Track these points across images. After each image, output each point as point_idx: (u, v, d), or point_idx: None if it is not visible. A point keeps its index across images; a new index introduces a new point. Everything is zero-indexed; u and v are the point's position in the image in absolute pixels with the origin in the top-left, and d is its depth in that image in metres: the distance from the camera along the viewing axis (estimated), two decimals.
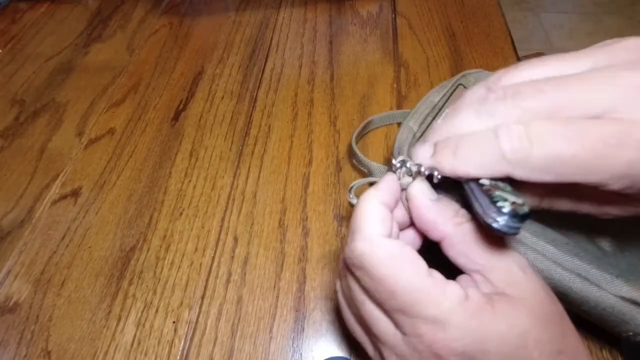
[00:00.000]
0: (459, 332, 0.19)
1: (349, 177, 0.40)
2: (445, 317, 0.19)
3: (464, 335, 0.19)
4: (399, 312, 0.20)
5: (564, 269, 0.24)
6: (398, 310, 0.20)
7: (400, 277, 0.20)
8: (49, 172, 0.43)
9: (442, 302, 0.19)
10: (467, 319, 0.19)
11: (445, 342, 0.19)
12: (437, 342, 0.19)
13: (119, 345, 0.32)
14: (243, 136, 0.44)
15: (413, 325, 0.19)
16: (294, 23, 0.57)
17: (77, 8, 0.63)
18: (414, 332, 0.19)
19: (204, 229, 0.37)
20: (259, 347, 0.31)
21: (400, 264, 0.20)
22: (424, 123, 0.33)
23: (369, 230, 0.21)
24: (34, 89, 0.52)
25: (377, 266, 0.20)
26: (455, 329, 0.19)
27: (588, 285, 0.24)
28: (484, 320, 0.19)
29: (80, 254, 0.37)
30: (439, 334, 0.19)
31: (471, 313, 0.19)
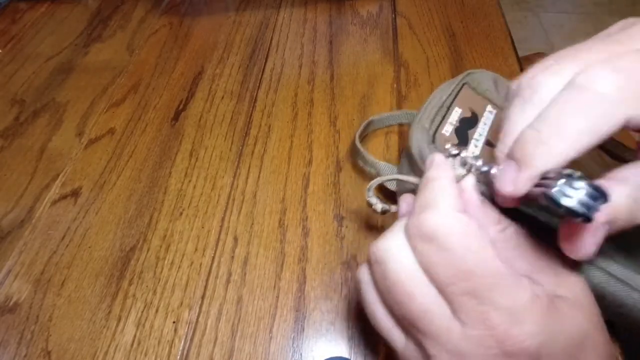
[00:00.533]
0: (533, 329, 0.17)
1: (349, 177, 0.40)
2: (522, 310, 0.17)
3: (538, 333, 0.17)
4: (468, 297, 0.17)
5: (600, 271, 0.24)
6: (469, 293, 0.17)
7: (480, 255, 0.17)
8: (49, 172, 0.43)
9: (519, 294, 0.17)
10: (542, 318, 0.17)
11: (519, 339, 0.17)
12: (511, 337, 0.17)
13: (119, 345, 0.32)
14: (243, 136, 0.44)
15: (484, 314, 0.17)
16: (294, 23, 0.57)
17: (77, 8, 0.63)
18: (483, 322, 0.17)
19: (204, 229, 0.37)
20: (259, 347, 0.31)
21: (480, 241, 0.18)
22: (434, 122, 0.33)
23: (447, 203, 0.19)
24: (34, 89, 0.52)
25: (455, 238, 0.18)
26: (532, 325, 0.17)
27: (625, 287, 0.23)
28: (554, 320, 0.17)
29: (80, 254, 0.37)
30: (514, 329, 0.17)
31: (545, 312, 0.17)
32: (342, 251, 0.35)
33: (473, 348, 0.17)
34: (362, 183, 0.39)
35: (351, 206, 0.38)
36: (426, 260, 0.19)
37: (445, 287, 0.18)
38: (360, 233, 0.36)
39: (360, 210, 0.38)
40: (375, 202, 0.28)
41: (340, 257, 0.35)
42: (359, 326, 0.31)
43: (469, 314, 0.18)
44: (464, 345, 0.18)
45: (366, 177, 0.40)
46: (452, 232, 0.18)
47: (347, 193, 0.39)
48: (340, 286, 0.33)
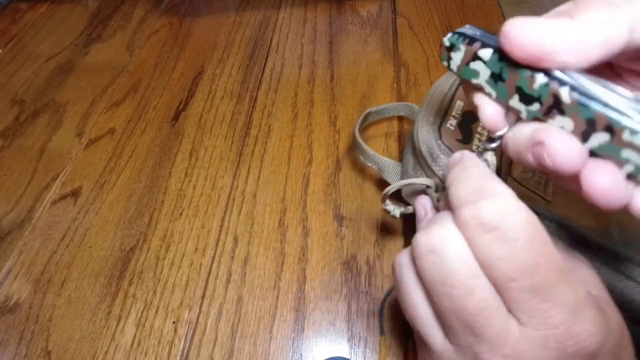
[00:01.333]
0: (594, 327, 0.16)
1: (349, 177, 0.40)
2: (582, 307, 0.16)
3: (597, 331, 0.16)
4: (532, 293, 0.16)
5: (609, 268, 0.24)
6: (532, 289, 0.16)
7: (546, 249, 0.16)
8: (49, 172, 0.43)
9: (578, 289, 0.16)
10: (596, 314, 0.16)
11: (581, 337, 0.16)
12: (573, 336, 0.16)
13: (119, 345, 0.32)
14: (243, 136, 0.44)
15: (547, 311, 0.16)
16: (294, 23, 0.57)
17: (77, 8, 0.63)
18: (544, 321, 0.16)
19: (204, 229, 0.37)
20: (259, 347, 0.31)
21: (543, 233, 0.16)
22: (438, 115, 0.32)
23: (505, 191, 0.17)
24: (34, 89, 0.52)
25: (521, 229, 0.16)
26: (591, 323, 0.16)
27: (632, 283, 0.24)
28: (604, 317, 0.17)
29: (80, 254, 0.37)
30: (576, 327, 0.16)
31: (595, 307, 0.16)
32: (342, 251, 0.35)
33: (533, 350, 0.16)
34: (362, 183, 0.39)
35: (351, 206, 0.38)
36: (486, 252, 0.17)
37: (507, 283, 0.16)
38: (360, 233, 0.36)
39: (360, 210, 0.38)
40: (393, 209, 0.28)
41: (340, 257, 0.35)
42: (359, 326, 0.31)
43: (531, 313, 0.16)
44: (523, 348, 0.16)
45: (366, 174, 0.40)
46: (518, 222, 0.16)
47: (347, 193, 0.39)
48: (340, 286, 0.33)
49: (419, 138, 0.31)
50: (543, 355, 0.16)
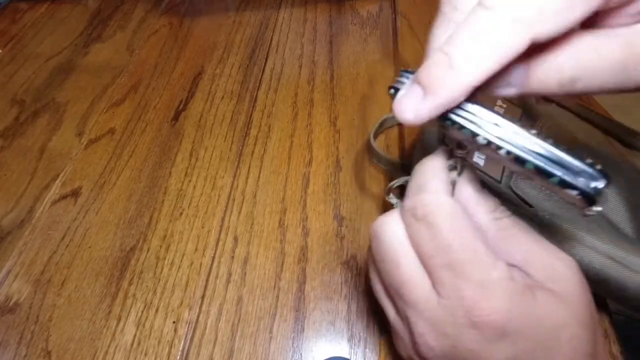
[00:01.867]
0: (501, 305, 0.18)
1: (349, 177, 0.40)
2: (492, 285, 0.18)
3: (505, 310, 0.18)
4: (446, 269, 0.19)
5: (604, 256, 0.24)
6: (447, 266, 0.19)
7: (461, 233, 0.19)
8: (49, 172, 0.43)
9: (492, 271, 0.18)
10: (510, 296, 0.18)
11: (485, 311, 0.18)
12: (477, 309, 0.18)
13: (119, 345, 0.32)
14: (243, 136, 0.44)
15: (458, 285, 0.19)
16: (294, 23, 0.57)
17: (77, 8, 0.63)
18: (456, 293, 0.19)
19: (204, 229, 0.37)
20: (259, 347, 0.31)
21: (463, 221, 0.20)
22: None
23: (438, 186, 0.21)
24: (34, 89, 0.52)
25: (441, 217, 0.20)
26: (499, 301, 0.18)
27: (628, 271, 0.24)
28: (525, 303, 0.18)
29: (80, 254, 0.37)
30: (482, 302, 0.18)
31: (517, 293, 0.18)
32: (342, 251, 0.35)
33: (446, 317, 0.19)
34: (362, 183, 0.39)
35: (351, 206, 0.38)
36: (415, 235, 0.20)
37: (428, 260, 0.20)
38: (360, 233, 0.36)
39: (360, 210, 0.38)
40: (396, 202, 0.29)
41: (340, 257, 0.35)
42: (359, 326, 0.31)
43: (445, 286, 0.19)
44: (439, 314, 0.19)
45: (366, 174, 0.40)
46: (440, 212, 0.20)
47: (347, 193, 0.39)
48: (340, 286, 0.33)
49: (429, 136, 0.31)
50: (453, 322, 0.19)
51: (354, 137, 0.43)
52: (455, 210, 0.20)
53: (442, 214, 0.20)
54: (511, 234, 0.20)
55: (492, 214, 0.21)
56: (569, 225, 0.26)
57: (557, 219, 0.26)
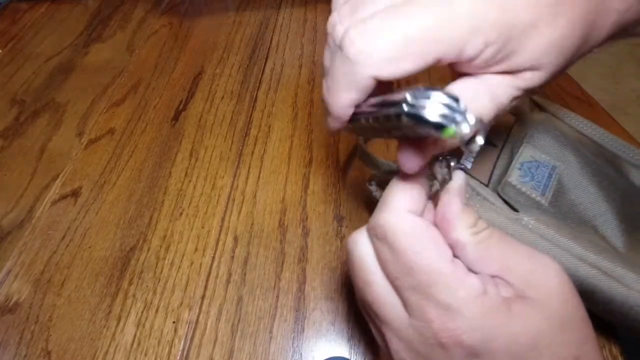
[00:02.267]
0: (469, 325, 0.18)
1: (349, 177, 0.40)
2: (458, 306, 0.18)
3: (474, 329, 0.18)
4: (412, 291, 0.19)
5: (590, 266, 0.24)
6: (411, 288, 0.19)
7: (422, 254, 0.19)
8: (49, 172, 0.43)
9: (458, 291, 0.18)
10: (480, 314, 0.18)
11: (453, 333, 0.18)
12: (444, 330, 0.18)
13: (119, 345, 0.32)
14: (243, 136, 0.44)
15: (423, 307, 0.19)
16: (294, 23, 0.57)
17: (77, 8, 0.63)
18: (422, 315, 0.19)
19: (204, 229, 0.37)
20: (259, 347, 0.31)
21: (423, 240, 0.19)
22: None
23: (398, 204, 0.20)
24: (34, 89, 0.52)
25: (400, 238, 0.19)
26: (466, 321, 0.18)
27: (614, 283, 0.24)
28: (497, 319, 0.18)
29: (80, 254, 0.37)
30: (449, 323, 0.18)
31: (486, 309, 0.18)
32: (342, 251, 0.35)
33: (417, 337, 0.19)
34: (362, 183, 0.39)
35: (351, 206, 0.38)
36: (379, 255, 0.20)
37: (394, 281, 0.20)
38: None
39: (360, 210, 0.38)
40: (375, 189, 0.29)
41: (340, 257, 0.35)
42: (359, 326, 0.31)
43: (412, 306, 0.19)
44: (411, 334, 0.19)
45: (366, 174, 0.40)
46: (398, 232, 0.19)
47: (347, 193, 0.39)
48: (340, 286, 0.33)
49: None
50: (424, 341, 0.19)
51: (354, 137, 0.43)
52: (416, 230, 0.20)
53: (401, 234, 0.19)
54: (489, 245, 0.20)
55: (471, 229, 0.21)
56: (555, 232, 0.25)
57: (543, 224, 0.26)
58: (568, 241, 0.25)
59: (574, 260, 0.24)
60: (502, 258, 0.20)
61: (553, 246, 0.25)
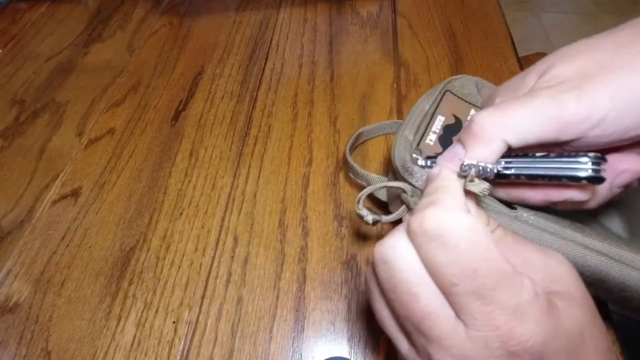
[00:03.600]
0: (537, 327, 0.17)
1: (349, 177, 0.40)
2: (525, 309, 0.17)
3: (539, 332, 0.17)
4: (473, 297, 0.17)
5: (598, 254, 0.24)
6: (473, 293, 0.17)
7: (486, 254, 0.17)
8: (49, 172, 0.43)
9: (523, 293, 0.17)
10: (543, 314, 0.17)
11: (524, 338, 0.17)
12: (515, 337, 0.17)
13: (119, 345, 0.32)
14: (243, 136, 0.44)
15: (489, 314, 0.17)
16: (294, 23, 0.57)
17: (77, 8, 0.63)
18: (487, 322, 0.17)
19: (204, 229, 0.37)
20: (259, 347, 0.31)
21: (484, 240, 0.18)
22: (418, 132, 0.33)
23: (453, 201, 0.19)
24: (34, 89, 0.52)
25: (461, 237, 0.17)
26: (535, 323, 0.17)
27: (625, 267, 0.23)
28: (554, 317, 0.17)
29: (80, 254, 0.37)
30: (518, 328, 0.17)
31: (545, 309, 0.17)
32: (342, 251, 0.35)
33: (478, 350, 0.17)
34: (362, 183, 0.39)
35: (351, 206, 0.38)
36: (430, 259, 0.18)
37: (450, 287, 0.18)
38: (360, 233, 0.36)
39: None
40: (366, 213, 0.27)
41: (340, 257, 0.35)
42: (359, 326, 0.31)
43: (473, 315, 0.17)
44: (469, 348, 0.17)
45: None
46: (458, 229, 0.18)
47: (347, 193, 0.39)
48: (340, 286, 0.33)
49: (395, 154, 0.31)
50: (488, 354, 0.17)
51: None
52: (476, 229, 0.18)
53: (461, 231, 0.17)
54: (505, 243, 0.20)
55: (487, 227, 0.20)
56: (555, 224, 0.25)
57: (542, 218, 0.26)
58: (571, 231, 0.25)
59: (580, 249, 0.24)
60: (521, 254, 0.20)
61: (557, 238, 0.25)
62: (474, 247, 0.17)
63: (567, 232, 0.25)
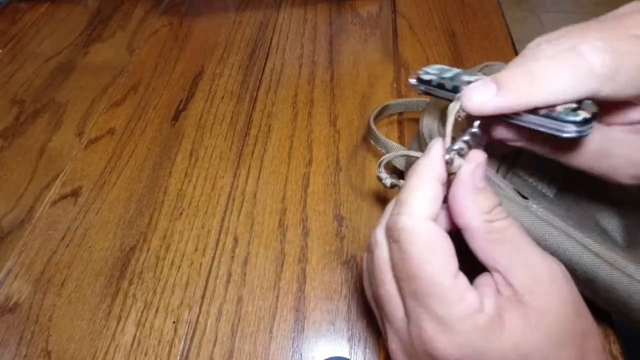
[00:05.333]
0: (459, 341, 0.18)
1: (349, 177, 0.40)
2: (451, 321, 0.18)
3: (462, 346, 0.18)
4: (411, 297, 0.20)
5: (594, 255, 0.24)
6: (412, 294, 0.20)
7: (428, 265, 0.19)
8: (49, 172, 0.43)
9: (454, 307, 0.19)
10: (472, 333, 0.18)
11: (442, 345, 0.18)
12: (434, 341, 0.19)
13: (119, 345, 0.32)
14: (243, 136, 0.44)
15: (419, 315, 0.19)
16: (294, 23, 0.57)
17: (77, 8, 0.63)
18: (417, 322, 0.19)
19: (204, 229, 0.37)
20: (259, 347, 0.31)
21: (432, 252, 0.19)
22: None
23: (417, 208, 0.20)
24: (34, 89, 0.52)
25: (412, 245, 0.20)
26: (456, 337, 0.18)
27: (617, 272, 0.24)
28: (489, 336, 0.18)
29: (80, 254, 0.37)
30: (440, 335, 0.18)
31: (479, 328, 0.18)
32: (342, 251, 0.35)
33: (411, 341, 0.20)
34: (362, 183, 0.39)
35: (351, 206, 0.38)
36: (392, 255, 0.21)
37: (399, 282, 0.21)
38: (360, 233, 0.36)
39: (360, 210, 0.38)
40: (385, 177, 0.28)
41: (340, 257, 0.35)
42: (359, 326, 0.31)
43: (409, 311, 0.20)
44: (406, 337, 0.20)
45: (366, 174, 0.40)
46: (411, 239, 0.20)
47: (347, 193, 0.39)
48: (340, 286, 0.33)
49: (423, 122, 0.31)
50: (416, 348, 0.20)
51: (354, 137, 0.43)
52: (430, 240, 0.20)
53: (413, 242, 0.20)
54: (499, 238, 0.20)
55: (484, 216, 0.20)
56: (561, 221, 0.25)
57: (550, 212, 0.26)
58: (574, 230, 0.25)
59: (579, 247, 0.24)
60: (510, 255, 0.20)
61: (560, 233, 0.25)
62: (421, 256, 0.19)
63: (569, 230, 0.25)
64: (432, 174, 0.21)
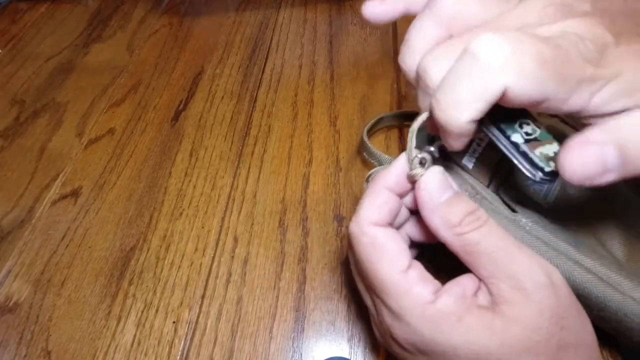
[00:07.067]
0: (409, 329, 0.20)
1: (349, 177, 0.40)
2: (401, 312, 0.20)
3: (412, 334, 0.20)
4: (372, 292, 0.22)
5: (586, 271, 0.24)
6: (370, 289, 0.22)
7: (375, 265, 0.21)
8: (49, 172, 0.43)
9: (403, 299, 0.20)
10: (420, 323, 0.20)
11: (397, 332, 0.21)
12: (391, 329, 0.21)
13: (119, 345, 0.32)
14: (243, 136, 0.44)
15: (379, 306, 0.22)
16: (294, 23, 0.57)
17: (77, 8, 0.63)
18: (380, 312, 0.22)
19: (204, 229, 0.37)
20: (259, 347, 0.31)
21: (377, 253, 0.21)
22: None
23: (362, 214, 0.22)
24: (34, 89, 0.52)
25: (358, 249, 0.22)
26: (407, 326, 0.20)
27: (610, 289, 0.23)
28: (439, 327, 0.19)
29: (80, 254, 0.37)
30: (395, 324, 0.21)
31: (428, 319, 0.20)
32: (342, 251, 0.35)
33: (380, 327, 0.22)
34: (362, 183, 0.39)
35: (351, 206, 0.38)
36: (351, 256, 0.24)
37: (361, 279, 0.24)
38: None
39: None
40: None
41: (340, 257, 0.35)
42: (359, 326, 0.31)
43: (375, 303, 0.22)
44: (376, 321, 0.23)
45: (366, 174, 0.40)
46: (357, 244, 0.22)
47: (347, 193, 0.39)
48: (340, 286, 0.33)
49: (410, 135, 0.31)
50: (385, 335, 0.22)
51: (354, 137, 0.43)
52: (374, 242, 0.21)
53: (359, 245, 0.22)
54: (474, 251, 0.20)
55: (454, 229, 0.20)
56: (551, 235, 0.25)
57: (540, 227, 0.26)
58: (565, 245, 0.25)
59: (570, 263, 0.24)
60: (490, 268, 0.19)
61: (549, 249, 0.24)
62: (368, 257, 0.21)
63: (560, 245, 0.25)
64: (382, 183, 0.22)
